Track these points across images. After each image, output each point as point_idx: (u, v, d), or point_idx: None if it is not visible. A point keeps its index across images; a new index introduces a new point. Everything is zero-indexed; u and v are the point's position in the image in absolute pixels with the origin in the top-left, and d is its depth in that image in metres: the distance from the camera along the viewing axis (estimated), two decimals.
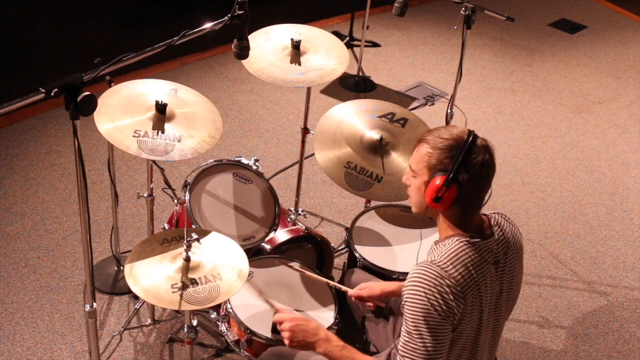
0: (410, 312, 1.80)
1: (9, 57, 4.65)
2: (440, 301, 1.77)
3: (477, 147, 1.84)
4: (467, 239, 1.86)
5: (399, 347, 1.84)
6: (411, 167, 1.94)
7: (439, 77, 5.14)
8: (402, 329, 1.83)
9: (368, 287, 2.39)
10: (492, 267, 1.89)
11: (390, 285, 2.37)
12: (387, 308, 2.43)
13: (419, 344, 1.79)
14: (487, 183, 1.88)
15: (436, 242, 1.94)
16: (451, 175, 1.82)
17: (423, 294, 1.78)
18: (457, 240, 1.86)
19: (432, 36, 5.73)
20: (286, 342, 2.02)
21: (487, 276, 1.87)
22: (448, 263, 1.82)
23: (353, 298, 2.43)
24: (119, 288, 3.14)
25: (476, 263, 1.85)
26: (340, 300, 2.56)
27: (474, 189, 1.86)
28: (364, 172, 2.72)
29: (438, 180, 1.84)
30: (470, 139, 1.84)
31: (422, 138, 1.91)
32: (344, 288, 2.49)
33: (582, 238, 3.81)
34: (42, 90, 1.76)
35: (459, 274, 1.81)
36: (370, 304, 2.42)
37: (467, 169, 1.82)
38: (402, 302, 1.83)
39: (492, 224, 1.95)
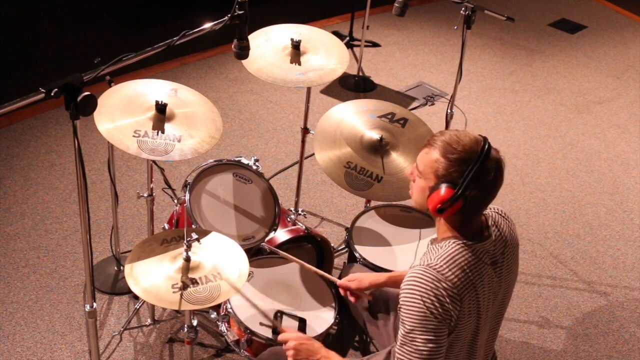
0: (407, 315, 1.80)
1: (9, 57, 4.65)
2: (437, 304, 1.77)
3: (489, 162, 1.79)
4: (465, 241, 1.86)
5: (396, 349, 1.84)
6: (418, 166, 1.89)
7: (439, 77, 5.14)
8: (399, 330, 1.83)
9: (357, 279, 2.37)
10: (490, 268, 1.88)
11: (379, 278, 2.35)
12: (380, 303, 2.42)
13: (415, 347, 1.79)
14: (494, 195, 1.85)
15: (432, 242, 1.93)
16: (459, 192, 1.79)
17: (419, 298, 1.78)
18: (454, 242, 1.86)
19: (432, 36, 5.73)
20: None
21: (485, 277, 1.87)
22: (445, 266, 1.81)
23: (340, 289, 2.41)
24: (119, 288, 3.14)
25: (473, 265, 1.84)
26: (340, 301, 2.56)
27: (479, 202, 1.84)
28: (364, 172, 2.72)
29: (443, 192, 1.80)
30: (483, 154, 1.78)
31: (433, 142, 1.85)
32: (332, 278, 2.48)
33: (582, 238, 3.81)
34: (42, 90, 1.77)
35: (456, 276, 1.80)
36: (353, 297, 2.39)
37: (475, 185, 1.79)
38: (399, 305, 1.83)
39: (490, 224, 1.94)
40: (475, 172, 1.78)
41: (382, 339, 2.42)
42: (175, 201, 2.77)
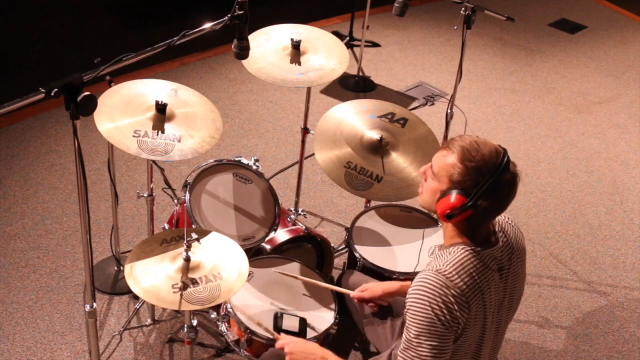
0: (413, 320, 1.78)
1: (9, 57, 4.65)
2: (445, 311, 1.76)
3: (506, 175, 1.78)
4: (473, 247, 1.84)
5: (399, 353, 1.83)
6: (433, 167, 1.87)
7: (439, 77, 5.14)
8: (404, 335, 1.82)
9: (370, 288, 2.37)
10: (497, 274, 1.87)
11: (392, 286, 2.35)
12: (388, 307, 2.42)
13: (420, 353, 1.78)
14: (504, 208, 1.84)
15: (440, 248, 1.92)
16: (470, 202, 1.78)
17: (427, 304, 1.77)
18: (462, 248, 1.84)
19: (432, 36, 5.73)
20: None
21: (491, 283, 1.86)
22: (453, 272, 1.80)
23: (355, 300, 2.43)
24: (119, 288, 3.14)
25: (481, 271, 1.83)
26: (340, 300, 2.56)
27: (489, 213, 1.84)
28: (364, 172, 2.72)
29: (454, 198, 1.79)
30: (501, 168, 1.77)
31: (452, 145, 1.83)
32: (345, 291, 2.48)
33: (582, 238, 3.81)
34: (42, 90, 1.77)
35: (464, 283, 1.79)
36: (372, 304, 2.42)
37: (487, 197, 1.78)
38: (406, 309, 1.82)
39: (497, 230, 1.93)
40: (490, 184, 1.77)
41: (379, 341, 2.41)
42: (175, 201, 2.77)
